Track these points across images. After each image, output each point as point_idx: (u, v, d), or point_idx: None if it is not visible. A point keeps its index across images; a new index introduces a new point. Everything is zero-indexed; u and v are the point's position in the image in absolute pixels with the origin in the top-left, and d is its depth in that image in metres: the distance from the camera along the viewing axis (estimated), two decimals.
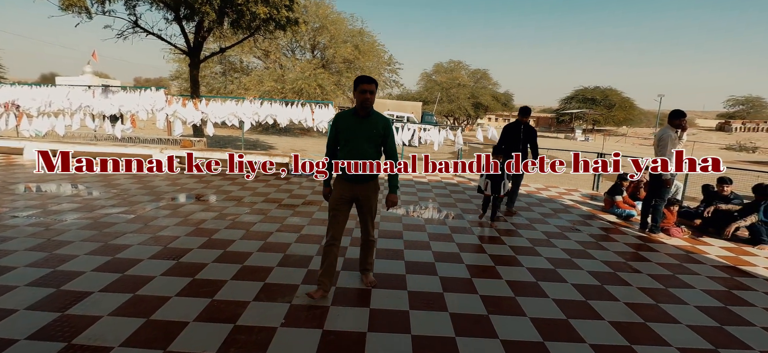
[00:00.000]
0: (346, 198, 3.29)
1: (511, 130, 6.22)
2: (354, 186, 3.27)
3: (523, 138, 6.18)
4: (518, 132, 6.17)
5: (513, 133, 6.19)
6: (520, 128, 6.15)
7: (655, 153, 5.64)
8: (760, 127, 60.76)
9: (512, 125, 6.25)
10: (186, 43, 12.00)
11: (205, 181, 7.79)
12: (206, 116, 9.89)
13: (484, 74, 54.46)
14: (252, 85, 23.60)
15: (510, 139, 6.18)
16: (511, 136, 6.18)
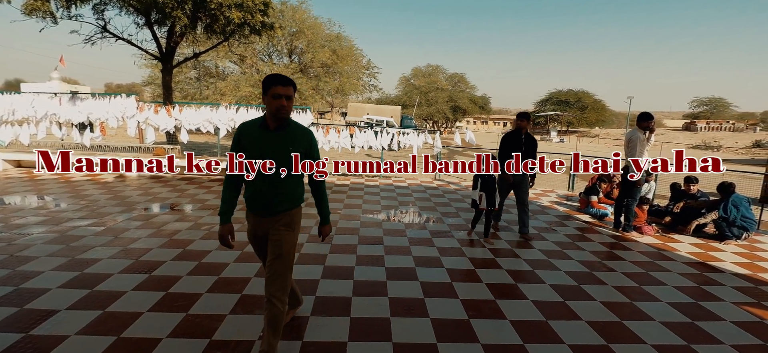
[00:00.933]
0: (259, 234, 2.48)
1: (510, 141, 5.45)
2: (262, 221, 2.43)
3: (525, 149, 5.38)
4: (519, 142, 5.39)
5: (513, 143, 5.42)
6: (521, 138, 5.40)
7: (625, 154, 5.81)
8: (722, 126, 63.80)
9: (511, 134, 5.49)
10: (158, 48, 11.67)
11: (179, 190, 7.56)
12: (180, 123, 9.63)
13: (462, 78, 55.25)
14: (228, 90, 23.15)
15: (510, 150, 5.41)
16: (512, 148, 5.41)
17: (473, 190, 5.24)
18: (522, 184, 5.45)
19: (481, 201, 5.14)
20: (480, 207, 5.16)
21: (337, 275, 3.90)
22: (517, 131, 5.46)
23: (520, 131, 5.41)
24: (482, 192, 5.11)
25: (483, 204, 5.13)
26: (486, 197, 5.10)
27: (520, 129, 5.41)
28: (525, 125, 5.40)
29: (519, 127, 5.43)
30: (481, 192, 5.11)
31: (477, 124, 77.35)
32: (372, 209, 6.67)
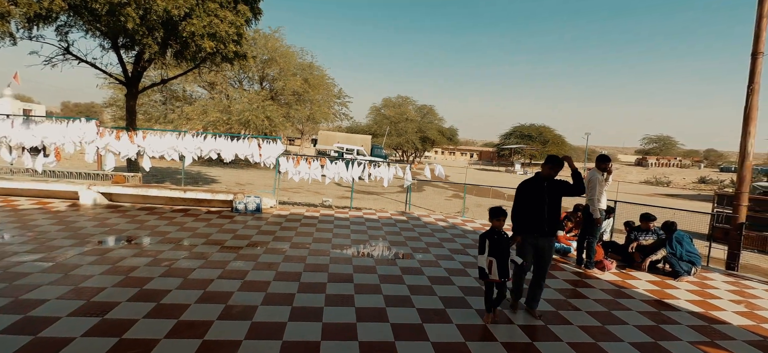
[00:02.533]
0: None
1: (529, 191, 4.18)
2: None
3: (549, 202, 4.09)
4: (541, 193, 4.10)
5: (533, 194, 4.14)
6: (543, 187, 4.12)
7: (586, 194, 6.08)
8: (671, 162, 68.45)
9: (531, 182, 4.22)
10: (124, 72, 11.29)
11: (138, 221, 7.19)
12: (143, 149, 9.27)
13: (430, 110, 56.64)
14: (195, 115, 22.60)
15: (529, 204, 4.13)
16: (531, 199, 4.13)
17: (479, 255, 3.94)
18: (546, 251, 4.18)
19: (491, 269, 3.88)
20: (490, 277, 3.90)
21: (306, 316, 3.78)
22: (537, 179, 4.18)
23: (542, 179, 4.13)
24: (492, 257, 3.86)
25: (494, 273, 3.87)
26: (497, 265, 3.86)
27: (542, 178, 4.14)
28: (548, 172, 4.10)
29: (539, 176, 4.18)
30: (490, 257, 3.86)
31: (445, 155, 79.09)
32: (342, 243, 6.58)
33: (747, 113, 6.51)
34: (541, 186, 4.12)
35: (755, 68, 6.35)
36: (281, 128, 24.26)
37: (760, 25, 6.27)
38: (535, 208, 4.08)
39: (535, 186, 4.15)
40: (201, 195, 8.68)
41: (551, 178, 4.13)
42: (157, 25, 9.00)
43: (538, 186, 4.14)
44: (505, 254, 3.87)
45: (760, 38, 6.28)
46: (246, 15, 9.72)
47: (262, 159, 9.35)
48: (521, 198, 4.20)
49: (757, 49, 6.32)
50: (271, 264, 5.26)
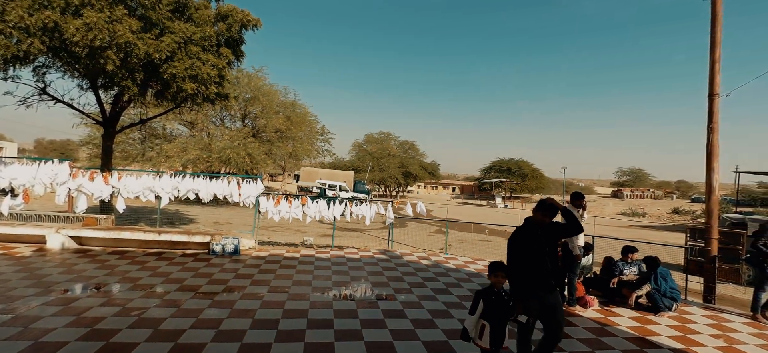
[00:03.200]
0: None
1: (524, 242, 3.55)
2: None
3: (549, 251, 3.57)
4: (537, 242, 3.50)
5: (527, 246, 3.52)
6: (538, 235, 3.53)
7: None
8: (645, 194, 70.64)
9: (523, 232, 3.61)
10: (102, 112, 11.11)
11: (108, 267, 6.87)
12: (117, 190, 9.00)
13: (412, 145, 57.54)
14: (175, 153, 22.26)
15: (527, 258, 3.51)
16: (528, 252, 3.51)
17: (469, 315, 3.43)
18: (557, 309, 3.55)
19: (482, 335, 3.31)
20: (479, 344, 3.34)
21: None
22: (530, 227, 3.60)
23: (535, 227, 3.57)
24: (485, 321, 3.32)
25: (485, 341, 3.29)
26: (490, 331, 3.29)
27: (535, 224, 3.59)
28: (540, 219, 3.57)
29: (530, 222, 3.63)
30: (483, 320, 3.32)
31: (427, 189, 79.66)
32: (323, 286, 6.42)
33: (709, 151, 6.83)
34: (536, 234, 3.52)
35: (713, 108, 6.73)
36: (263, 165, 24.08)
37: (714, 69, 6.70)
38: (534, 262, 3.47)
39: (530, 236, 3.53)
40: (176, 237, 8.41)
41: (544, 224, 3.58)
42: (138, 68, 8.97)
43: (532, 235, 3.53)
44: (503, 320, 3.33)
45: (714, 81, 6.70)
46: (228, 57, 9.81)
47: (242, 198, 9.19)
48: (517, 252, 3.56)
49: (712, 91, 6.73)
50: (247, 310, 5.07)
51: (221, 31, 9.91)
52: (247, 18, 9.98)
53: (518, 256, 3.56)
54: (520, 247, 3.57)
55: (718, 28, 6.68)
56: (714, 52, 6.71)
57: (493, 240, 15.68)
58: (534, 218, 3.62)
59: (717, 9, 6.65)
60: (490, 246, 14.12)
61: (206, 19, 9.55)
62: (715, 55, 6.71)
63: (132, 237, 8.32)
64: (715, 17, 6.68)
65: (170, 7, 9.09)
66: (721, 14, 6.66)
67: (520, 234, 3.61)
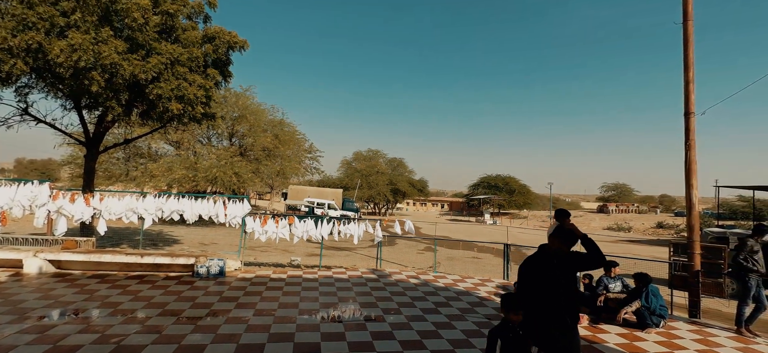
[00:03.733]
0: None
1: (537, 273, 3.20)
2: None
3: (566, 285, 3.14)
4: (552, 274, 3.13)
5: (542, 276, 3.16)
6: (553, 265, 3.15)
7: None
8: (629, 209, 71.81)
9: (536, 261, 3.25)
10: (85, 132, 10.94)
11: (88, 291, 6.67)
12: (99, 212, 8.80)
13: (401, 162, 57.81)
14: (160, 173, 21.94)
15: (540, 291, 3.14)
16: (541, 284, 3.15)
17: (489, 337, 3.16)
18: (574, 350, 3.16)
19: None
20: None
21: None
22: (544, 255, 3.22)
23: (550, 256, 3.19)
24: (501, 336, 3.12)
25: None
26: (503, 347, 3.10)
27: (551, 253, 3.20)
28: (557, 246, 3.19)
29: (545, 251, 3.24)
30: (496, 336, 3.15)
31: (416, 206, 79.78)
32: (310, 308, 6.33)
33: (687, 167, 7.02)
34: (551, 264, 3.14)
35: (689, 126, 6.94)
36: (250, 184, 23.88)
37: (688, 88, 6.94)
38: (547, 296, 3.08)
39: (544, 266, 3.15)
40: (159, 259, 8.23)
41: (562, 253, 3.18)
42: (123, 88, 8.91)
43: (547, 265, 3.15)
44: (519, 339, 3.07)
45: (689, 100, 6.94)
46: (216, 78, 9.81)
47: (228, 219, 9.07)
48: (528, 283, 3.20)
49: (688, 109, 6.96)
50: (232, 335, 4.96)
51: (208, 52, 9.94)
52: (234, 39, 10.03)
53: (530, 288, 3.19)
54: (532, 278, 3.19)
55: (690, 50, 6.95)
56: (687, 72, 6.96)
57: (483, 258, 15.70)
58: (550, 246, 3.20)
59: (688, 32, 6.93)
60: (480, 263, 14.13)
61: (193, 40, 9.57)
62: (689, 76, 6.96)
63: (113, 260, 8.12)
64: (687, 40, 6.95)
65: (157, 28, 9.10)
66: (693, 37, 6.94)
67: (533, 264, 3.23)
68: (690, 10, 6.96)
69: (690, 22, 6.95)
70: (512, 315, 3.07)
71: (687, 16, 6.96)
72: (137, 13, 8.39)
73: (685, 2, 6.97)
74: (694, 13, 6.98)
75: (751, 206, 37.48)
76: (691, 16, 6.95)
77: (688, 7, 6.96)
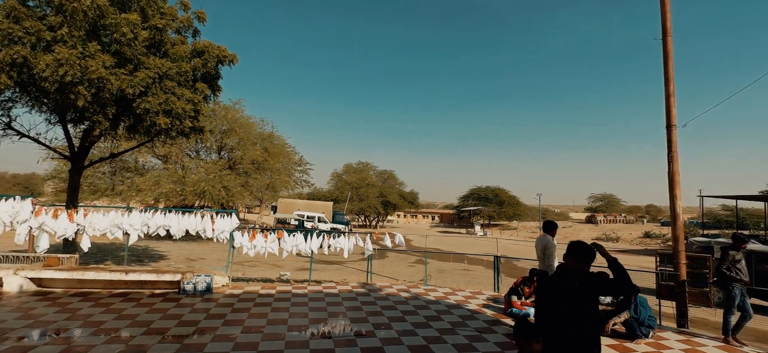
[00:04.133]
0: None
1: (557, 298, 2.89)
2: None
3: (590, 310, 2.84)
4: (573, 298, 2.82)
5: (564, 302, 2.84)
6: (575, 289, 2.83)
7: (545, 260, 6.24)
8: (617, 219, 72.73)
9: (555, 285, 2.93)
10: (70, 147, 10.76)
11: (70, 310, 6.49)
12: (83, 228, 8.63)
13: (391, 175, 57.95)
14: (147, 187, 21.60)
15: (561, 318, 2.83)
16: (562, 310, 2.84)
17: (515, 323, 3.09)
18: None
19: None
20: None
21: None
22: (564, 277, 2.92)
23: (572, 278, 2.87)
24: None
25: None
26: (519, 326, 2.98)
27: (573, 273, 2.89)
28: (576, 267, 2.89)
29: (566, 270, 2.94)
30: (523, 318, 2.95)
31: (407, 218, 79.73)
32: (299, 324, 6.24)
33: (671, 179, 7.17)
34: (572, 288, 2.80)
35: (671, 139, 7.11)
36: (239, 198, 23.63)
37: (669, 102, 7.13)
38: (570, 324, 2.76)
39: (565, 289, 2.83)
40: (145, 276, 8.06)
41: (583, 274, 2.85)
42: (110, 102, 8.82)
43: (569, 288, 2.81)
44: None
45: (671, 113, 7.12)
46: (204, 92, 9.78)
47: (215, 234, 8.97)
48: (548, 308, 2.90)
49: (669, 122, 7.14)
50: None
51: (197, 66, 9.92)
52: (223, 54, 10.03)
53: (550, 314, 2.86)
54: (552, 303, 2.86)
55: (670, 65, 7.15)
56: (668, 86, 7.16)
57: (473, 270, 15.72)
58: (568, 265, 2.91)
59: (668, 48, 7.15)
60: (470, 275, 14.13)
61: (182, 54, 9.54)
62: (670, 89, 7.15)
63: (97, 277, 7.93)
64: (667, 55, 7.16)
65: (146, 43, 9.06)
66: (672, 52, 7.15)
67: (552, 286, 2.90)
68: (668, 26, 7.18)
69: (669, 37, 7.17)
70: (532, 344, 2.79)
71: (666, 31, 7.18)
72: (126, 27, 8.36)
73: (664, 19, 7.20)
74: (672, 29, 7.21)
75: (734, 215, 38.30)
76: (669, 32, 7.17)
77: (667, 23, 7.19)
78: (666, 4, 7.23)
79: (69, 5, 7.85)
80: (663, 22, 7.23)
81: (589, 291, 2.80)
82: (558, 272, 2.99)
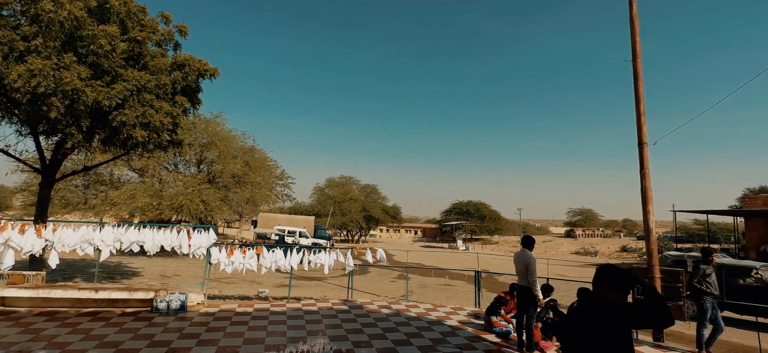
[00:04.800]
0: None
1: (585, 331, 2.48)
2: None
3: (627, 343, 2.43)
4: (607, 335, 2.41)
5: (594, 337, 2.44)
6: (607, 322, 2.42)
7: (527, 276, 6.25)
8: (595, 233, 74.32)
9: (585, 317, 2.51)
10: (41, 159, 10.39)
11: (33, 331, 6.18)
12: (51, 243, 8.28)
13: (374, 189, 57.82)
14: (121, 200, 20.97)
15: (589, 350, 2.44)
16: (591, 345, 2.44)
17: None
18: None
19: None
20: None
21: None
22: (597, 309, 2.47)
23: (605, 310, 2.43)
24: None
25: None
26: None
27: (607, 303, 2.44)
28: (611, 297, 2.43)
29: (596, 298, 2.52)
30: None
31: (390, 232, 79.60)
32: (276, 343, 6.10)
33: (644, 195, 7.39)
34: (605, 321, 2.40)
35: (643, 156, 7.36)
36: (218, 212, 23.16)
37: (640, 121, 7.41)
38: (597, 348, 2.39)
39: (597, 324, 2.41)
40: (115, 294, 7.76)
41: (616, 304, 2.42)
42: (85, 115, 8.58)
43: (601, 322, 2.40)
44: None
45: (642, 131, 7.39)
46: (184, 105, 9.63)
47: (192, 249, 8.74)
48: (579, 347, 2.47)
49: (641, 139, 7.39)
50: None
51: (177, 79, 9.79)
52: (204, 67, 9.94)
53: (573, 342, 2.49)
54: (583, 341, 2.44)
55: (640, 85, 7.45)
56: (639, 105, 7.44)
57: (455, 285, 15.73)
58: (600, 295, 2.47)
59: (638, 69, 7.45)
60: (452, 291, 14.13)
61: (162, 67, 9.41)
62: (640, 109, 7.43)
63: (64, 295, 7.61)
64: (637, 76, 7.46)
65: (124, 55, 8.91)
66: (642, 73, 7.45)
67: (581, 321, 2.50)
68: (638, 49, 7.49)
69: (638, 59, 7.47)
70: None
71: (635, 54, 7.49)
72: (104, 39, 8.20)
73: (634, 42, 7.51)
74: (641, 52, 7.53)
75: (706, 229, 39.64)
76: (639, 55, 7.48)
77: (637, 46, 7.50)
78: (635, 29, 7.56)
79: (45, 16, 7.68)
80: (633, 46, 7.54)
81: (624, 323, 2.39)
82: (587, 303, 2.55)
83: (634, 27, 7.59)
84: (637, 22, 7.61)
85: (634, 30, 7.57)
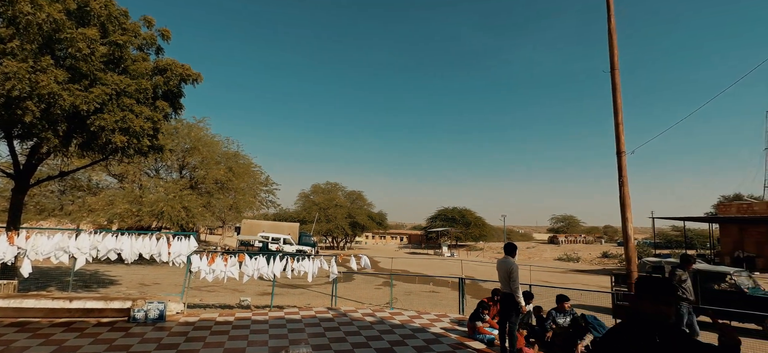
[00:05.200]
0: None
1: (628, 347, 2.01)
2: None
3: None
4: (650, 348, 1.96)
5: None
6: (655, 344, 1.95)
7: (510, 283, 6.30)
8: (578, 239, 75.67)
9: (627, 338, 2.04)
10: (14, 164, 10.05)
11: (2, 343, 5.95)
12: (24, 251, 8.00)
13: (359, 195, 57.76)
14: (99, 207, 20.42)
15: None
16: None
17: None
18: None
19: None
20: None
21: None
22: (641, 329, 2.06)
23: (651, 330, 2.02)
24: None
25: None
26: None
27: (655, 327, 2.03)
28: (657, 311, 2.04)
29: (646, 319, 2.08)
30: None
31: (376, 239, 79.43)
32: None
33: (622, 202, 7.56)
34: (652, 344, 1.98)
35: (621, 164, 7.55)
36: (200, 219, 22.75)
37: (618, 130, 7.60)
38: None
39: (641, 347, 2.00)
40: (91, 304, 7.54)
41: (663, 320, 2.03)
42: (62, 119, 8.35)
43: (647, 344, 1.99)
44: None
45: (620, 140, 7.58)
46: (165, 110, 9.45)
47: (171, 257, 8.56)
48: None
49: (619, 148, 7.58)
50: None
51: (159, 84, 9.62)
52: (186, 72, 9.80)
53: None
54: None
55: (618, 96, 7.65)
56: (617, 115, 7.63)
57: (440, 291, 15.78)
58: (643, 310, 2.09)
59: (616, 81, 7.66)
60: (437, 298, 14.16)
61: (143, 71, 9.24)
62: (618, 119, 7.62)
63: (37, 305, 7.35)
64: (615, 87, 7.67)
65: (104, 59, 8.72)
66: (620, 84, 7.66)
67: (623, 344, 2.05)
68: (616, 61, 7.71)
69: (616, 71, 7.68)
70: None
71: (613, 66, 7.70)
72: (82, 43, 8.01)
73: (612, 54, 7.73)
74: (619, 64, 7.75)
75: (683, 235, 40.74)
76: (617, 66, 7.69)
77: (615, 58, 7.72)
78: (613, 42, 7.78)
79: (23, 18, 7.47)
80: (611, 58, 7.75)
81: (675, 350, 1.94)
82: (629, 322, 2.14)
83: (612, 40, 7.80)
84: (616, 35, 7.83)
85: (612, 43, 7.79)
